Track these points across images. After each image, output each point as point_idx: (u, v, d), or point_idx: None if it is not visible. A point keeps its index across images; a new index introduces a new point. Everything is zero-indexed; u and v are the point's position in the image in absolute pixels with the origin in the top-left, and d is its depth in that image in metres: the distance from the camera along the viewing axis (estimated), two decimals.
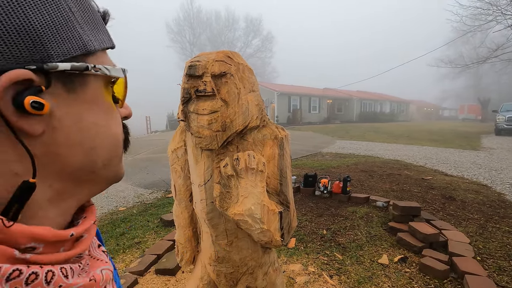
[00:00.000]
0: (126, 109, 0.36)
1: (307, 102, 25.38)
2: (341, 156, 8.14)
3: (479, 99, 29.87)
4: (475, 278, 2.07)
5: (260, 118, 1.00)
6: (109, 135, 0.32)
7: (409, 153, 8.72)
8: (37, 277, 0.24)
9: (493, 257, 2.51)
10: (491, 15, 14.41)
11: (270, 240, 0.96)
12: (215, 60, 0.90)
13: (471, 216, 3.42)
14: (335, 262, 2.52)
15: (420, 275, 2.28)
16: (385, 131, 16.70)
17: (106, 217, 3.86)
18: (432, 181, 5.03)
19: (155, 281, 2.31)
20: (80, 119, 0.28)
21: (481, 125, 22.83)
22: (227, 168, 0.91)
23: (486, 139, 12.73)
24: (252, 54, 37.99)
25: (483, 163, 6.89)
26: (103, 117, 0.31)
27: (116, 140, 0.33)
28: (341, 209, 3.71)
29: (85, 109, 0.29)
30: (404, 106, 36.99)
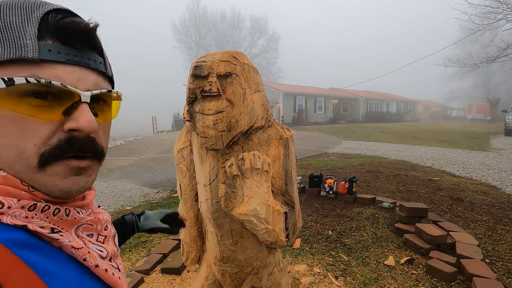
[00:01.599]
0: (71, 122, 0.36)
1: (312, 102, 25.28)
2: (347, 157, 8.09)
3: (489, 98, 29.35)
4: (484, 281, 2.04)
5: (265, 118, 1.00)
6: (5, 142, 0.34)
7: (416, 153, 8.62)
8: (59, 211, 0.38)
9: (502, 260, 2.47)
10: (501, 13, 14.16)
11: (275, 240, 0.96)
12: (220, 60, 0.91)
13: (480, 218, 3.36)
14: (340, 263, 2.51)
15: (427, 277, 2.25)
16: (391, 131, 16.53)
17: (113, 216, 3.90)
18: (439, 182, 4.96)
19: (160, 280, 2.33)
20: None
21: (490, 125, 22.44)
22: (232, 168, 0.92)
23: (496, 139, 12.51)
24: (258, 54, 37.97)
25: (492, 164, 6.77)
26: (2, 123, 0.34)
27: (14, 148, 0.34)
28: (346, 210, 3.68)
29: None
30: (411, 106, 36.55)
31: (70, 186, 0.38)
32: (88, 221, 0.42)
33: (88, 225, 0.42)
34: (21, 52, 0.33)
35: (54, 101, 0.35)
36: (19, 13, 0.34)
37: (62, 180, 0.37)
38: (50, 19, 0.36)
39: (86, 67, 0.39)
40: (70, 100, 0.36)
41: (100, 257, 0.41)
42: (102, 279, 0.40)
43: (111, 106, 0.44)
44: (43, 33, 0.35)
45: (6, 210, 0.33)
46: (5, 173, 0.35)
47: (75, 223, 0.40)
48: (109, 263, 0.43)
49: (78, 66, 0.38)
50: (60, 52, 0.36)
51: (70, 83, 0.36)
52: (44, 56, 0.34)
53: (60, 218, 0.38)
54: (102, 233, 0.45)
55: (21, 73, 0.33)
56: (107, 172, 6.82)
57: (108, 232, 0.46)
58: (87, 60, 0.39)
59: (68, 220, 0.39)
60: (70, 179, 0.37)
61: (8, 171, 0.35)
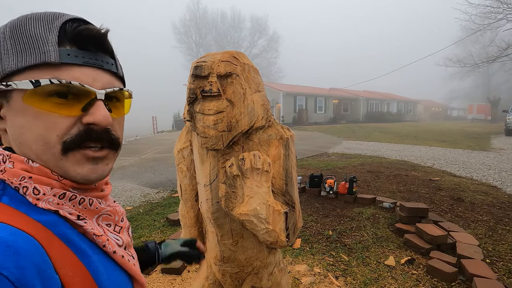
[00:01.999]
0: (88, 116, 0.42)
1: (313, 102, 25.26)
2: (347, 157, 8.09)
3: (489, 98, 29.30)
4: (484, 281, 2.03)
5: (265, 118, 1.00)
6: (33, 135, 0.40)
7: (417, 153, 8.61)
8: (84, 200, 0.44)
9: (503, 260, 2.46)
10: (501, 13, 14.15)
11: (275, 240, 0.96)
12: (221, 60, 0.91)
13: (480, 218, 3.36)
14: (341, 263, 2.50)
15: (428, 277, 2.25)
16: (392, 131, 16.52)
17: None
18: (440, 182, 4.96)
19: (161, 280, 2.33)
20: (12, 122, 0.41)
21: (491, 125, 22.42)
22: (233, 168, 0.92)
23: (496, 139, 12.50)
24: (258, 54, 37.95)
25: (492, 164, 6.77)
26: (28, 120, 0.39)
27: (40, 140, 0.40)
28: (347, 210, 3.68)
29: (14, 115, 0.40)
30: (412, 106, 36.52)
31: (89, 173, 0.43)
32: (108, 211, 0.48)
33: (107, 215, 0.48)
34: (45, 58, 0.39)
35: (73, 100, 0.41)
36: (41, 24, 0.40)
37: (81, 168, 0.42)
38: (68, 28, 0.41)
39: (100, 68, 0.44)
40: (87, 98, 0.42)
41: (117, 245, 0.47)
42: (119, 263, 0.46)
43: (124, 103, 0.50)
44: (62, 40, 0.40)
45: (42, 197, 0.39)
46: (38, 164, 0.41)
47: (96, 212, 0.46)
48: (124, 251, 0.48)
49: (93, 67, 0.43)
50: (77, 56, 0.41)
51: (87, 83, 0.41)
52: (64, 60, 0.40)
53: (84, 207, 0.44)
54: (119, 224, 0.50)
55: (45, 75, 0.39)
56: None
57: (124, 223, 0.52)
58: (100, 62, 0.44)
59: (91, 210, 0.45)
60: (88, 167, 0.43)
61: (38, 161, 0.41)
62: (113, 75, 0.47)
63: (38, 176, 0.40)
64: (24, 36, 0.39)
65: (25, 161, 0.41)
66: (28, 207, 0.38)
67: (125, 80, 0.52)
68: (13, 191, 0.39)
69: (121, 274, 0.46)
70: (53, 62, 0.39)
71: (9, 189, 0.39)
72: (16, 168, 0.40)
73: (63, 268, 0.36)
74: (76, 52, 0.41)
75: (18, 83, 0.38)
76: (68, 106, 0.41)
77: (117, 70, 0.48)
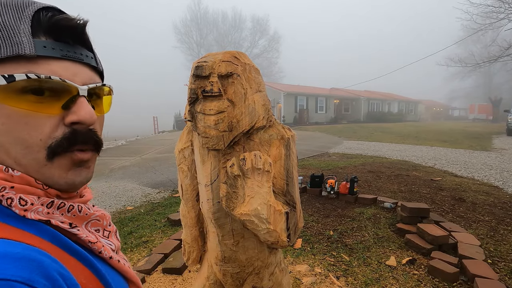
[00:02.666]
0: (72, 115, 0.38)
1: (313, 102, 25.25)
2: (348, 157, 8.08)
3: (490, 98, 29.24)
4: (486, 281, 2.03)
5: (266, 118, 1.00)
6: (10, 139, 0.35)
7: (418, 153, 8.59)
8: (73, 207, 0.40)
9: (504, 260, 2.46)
10: (503, 13, 14.12)
11: (276, 240, 0.96)
12: (222, 60, 0.91)
13: (482, 218, 3.35)
14: (342, 263, 2.50)
15: (429, 278, 2.24)
16: (393, 131, 16.50)
17: (114, 216, 3.91)
18: (441, 182, 4.95)
19: (162, 280, 2.33)
20: None
21: (492, 125, 22.37)
22: (234, 168, 0.92)
23: (498, 139, 12.46)
24: (259, 54, 37.97)
25: (494, 164, 6.75)
26: (4, 122, 0.34)
27: (20, 144, 0.35)
28: (348, 210, 3.68)
29: None
30: (413, 105, 36.45)
31: (74, 178, 0.40)
32: (97, 216, 0.45)
33: (96, 220, 0.45)
34: (18, 49, 0.34)
35: (51, 97, 0.37)
36: (10, 12, 0.34)
37: (66, 172, 0.39)
38: (42, 17, 0.36)
39: (80, 62, 0.40)
40: (67, 95, 0.38)
41: (111, 250, 0.45)
42: (116, 268, 0.44)
43: (103, 100, 0.46)
44: (36, 30, 0.36)
45: (30, 207, 0.35)
46: (19, 172, 0.36)
47: (86, 219, 0.43)
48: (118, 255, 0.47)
49: (72, 61, 0.39)
50: (54, 48, 0.37)
51: (67, 78, 0.37)
52: (40, 52, 0.35)
53: (73, 215, 0.40)
54: (107, 229, 0.48)
55: (18, 70, 0.34)
56: (108, 172, 6.84)
57: (112, 228, 0.49)
58: (79, 56, 0.40)
59: (80, 216, 0.42)
60: (73, 171, 0.40)
61: (16, 167, 0.36)
62: (93, 69, 0.43)
63: (20, 185, 0.36)
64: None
65: (4, 169, 0.36)
66: (16, 220, 0.34)
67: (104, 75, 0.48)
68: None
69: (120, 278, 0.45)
70: (27, 55, 0.34)
71: None
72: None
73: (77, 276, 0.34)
74: (53, 44, 0.37)
75: None
76: (47, 104, 0.36)
77: (97, 65, 0.44)
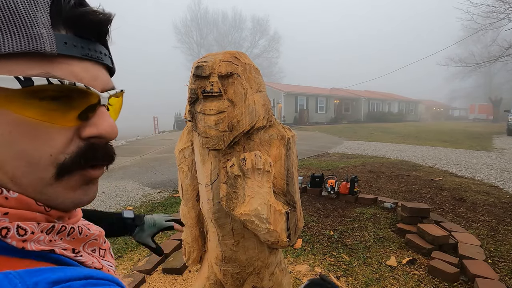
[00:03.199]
0: (91, 128, 0.32)
1: (314, 102, 25.25)
2: (349, 157, 8.08)
3: (491, 98, 29.21)
4: (486, 281, 2.03)
5: (266, 118, 1.00)
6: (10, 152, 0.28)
7: (418, 153, 8.59)
8: (74, 230, 0.35)
9: (505, 260, 2.45)
10: (503, 13, 14.10)
11: (276, 240, 0.96)
12: (222, 60, 0.91)
13: (482, 218, 3.35)
14: (342, 263, 2.50)
15: (429, 278, 2.24)
16: (393, 131, 16.49)
17: None
18: (441, 182, 4.95)
19: (162, 280, 2.33)
20: None
21: (493, 125, 22.35)
22: (234, 168, 0.92)
23: (498, 139, 12.46)
24: (259, 54, 37.98)
25: (494, 164, 6.74)
26: (7, 131, 0.27)
27: (23, 159, 0.28)
28: (348, 210, 3.68)
29: None
30: (413, 105, 36.44)
31: (82, 197, 0.34)
32: (96, 236, 0.39)
33: (93, 240, 0.39)
34: (37, 45, 0.27)
35: (68, 104, 0.30)
36: None
37: (74, 192, 0.33)
38: (63, 5, 0.29)
39: (99, 63, 0.34)
40: (85, 103, 0.31)
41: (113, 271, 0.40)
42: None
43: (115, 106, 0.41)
44: (56, 21, 0.29)
45: (30, 237, 0.29)
46: (16, 193, 0.29)
47: (84, 240, 0.37)
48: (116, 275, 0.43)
49: (91, 61, 0.33)
50: (76, 45, 0.30)
51: (88, 83, 0.31)
52: (61, 50, 0.29)
53: (72, 238, 0.35)
54: (102, 247, 0.42)
55: (33, 70, 0.27)
56: (108, 172, 6.84)
57: (106, 245, 0.44)
58: (99, 55, 0.33)
59: (79, 238, 0.36)
60: (81, 190, 0.33)
61: (12, 187, 0.29)
62: (108, 70, 0.36)
63: (17, 210, 0.29)
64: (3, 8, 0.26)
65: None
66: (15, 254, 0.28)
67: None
68: None
69: None
70: (47, 53, 0.27)
71: None
72: None
73: None
74: (74, 40, 0.30)
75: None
76: (62, 113, 0.30)
77: (112, 65, 0.37)
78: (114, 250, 2.83)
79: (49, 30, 0.28)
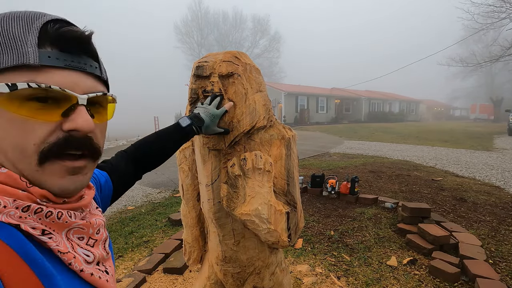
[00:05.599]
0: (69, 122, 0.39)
1: (314, 102, 25.23)
2: (349, 157, 8.07)
3: (492, 98, 29.12)
4: (487, 281, 2.02)
5: (267, 118, 1.00)
6: (9, 143, 0.37)
7: (419, 153, 8.58)
8: (52, 213, 0.40)
9: (506, 261, 2.45)
10: (504, 12, 14.06)
11: (277, 240, 0.96)
12: (222, 60, 0.91)
13: (483, 218, 3.34)
14: (342, 263, 2.50)
15: (430, 278, 2.24)
16: (394, 131, 16.47)
17: (115, 216, 3.91)
18: (442, 182, 4.94)
19: (163, 279, 2.34)
20: None
21: (494, 125, 22.30)
22: (234, 168, 0.92)
23: (499, 139, 12.43)
24: (260, 54, 37.95)
25: (495, 164, 6.73)
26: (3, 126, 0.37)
27: (17, 148, 0.37)
28: (348, 210, 3.67)
29: None
30: (414, 105, 36.37)
31: (68, 184, 0.41)
32: (80, 225, 0.44)
33: (79, 228, 0.44)
34: (23, 59, 0.36)
35: (53, 104, 0.38)
36: (20, 24, 0.37)
37: (59, 179, 0.40)
38: (49, 28, 0.38)
39: (83, 72, 0.42)
40: (68, 103, 0.39)
41: (86, 261, 0.43)
42: (89, 282, 0.43)
43: (107, 109, 0.47)
44: (43, 41, 0.38)
45: (1, 209, 0.36)
46: (6, 169, 0.38)
47: (66, 226, 0.42)
48: (96, 267, 0.45)
49: (75, 71, 0.40)
50: (58, 58, 0.39)
51: (68, 87, 0.39)
52: (44, 62, 0.37)
53: (52, 221, 0.40)
54: (94, 237, 0.46)
55: (22, 78, 0.36)
56: None
57: (100, 236, 0.48)
58: (83, 65, 0.41)
59: (60, 223, 0.41)
60: (67, 178, 0.40)
61: (12, 169, 0.38)
62: (96, 79, 0.44)
63: (2, 185, 0.37)
64: (1, 37, 0.37)
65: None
66: None
67: (109, 84, 0.50)
68: None
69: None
70: (32, 64, 0.36)
71: None
72: None
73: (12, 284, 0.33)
74: (57, 54, 0.39)
75: None
76: (47, 111, 0.38)
77: (101, 74, 0.45)
78: (114, 250, 2.84)
79: (34, 48, 0.37)
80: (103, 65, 0.47)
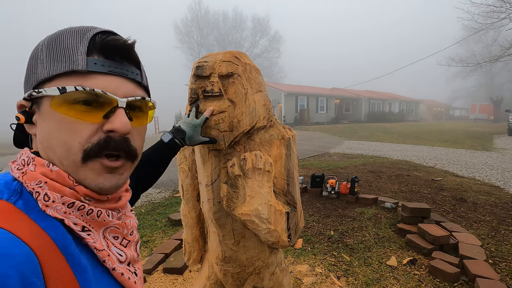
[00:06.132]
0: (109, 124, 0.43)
1: (314, 102, 25.21)
2: (349, 157, 8.07)
3: (492, 98, 29.12)
4: (487, 281, 2.02)
5: (267, 118, 1.00)
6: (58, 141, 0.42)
7: (419, 153, 8.58)
8: (92, 211, 0.43)
9: (506, 261, 2.45)
10: (504, 13, 14.08)
11: (277, 240, 0.96)
12: (222, 60, 0.91)
13: (483, 218, 3.34)
14: (342, 263, 2.50)
15: (430, 278, 2.24)
16: (394, 131, 16.48)
17: None
18: (442, 182, 4.94)
19: (163, 279, 2.34)
20: (42, 126, 0.43)
21: (494, 125, 22.29)
22: (234, 168, 0.92)
23: (499, 139, 12.44)
24: (259, 54, 37.95)
25: (495, 164, 6.73)
26: (54, 126, 0.42)
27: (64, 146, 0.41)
28: (348, 210, 3.67)
29: (42, 120, 0.43)
30: (414, 105, 36.33)
31: (104, 182, 0.44)
32: (116, 224, 0.47)
33: (115, 228, 0.48)
34: (73, 66, 0.41)
35: (97, 107, 0.43)
36: (74, 36, 0.43)
37: (97, 176, 0.43)
38: (97, 39, 0.44)
39: (124, 77, 0.46)
40: (109, 106, 0.43)
41: (119, 261, 0.46)
42: (119, 281, 0.46)
43: (147, 114, 0.51)
44: (91, 50, 0.43)
45: (50, 204, 0.40)
46: (57, 168, 0.42)
47: (104, 225, 0.46)
48: (127, 267, 0.48)
49: (117, 76, 0.45)
50: (103, 65, 0.43)
51: (110, 91, 0.43)
52: (90, 68, 0.42)
53: (92, 218, 0.44)
54: (127, 238, 0.50)
55: (71, 83, 0.41)
56: None
57: (133, 237, 0.51)
58: (125, 72, 0.46)
59: (98, 221, 0.45)
60: (103, 176, 0.44)
61: (60, 166, 0.42)
62: (137, 84, 0.48)
63: (53, 182, 0.41)
64: (57, 47, 0.42)
65: (46, 164, 0.42)
66: (38, 214, 0.39)
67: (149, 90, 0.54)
68: (29, 195, 0.40)
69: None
70: (80, 70, 0.41)
71: (25, 193, 0.40)
72: (36, 172, 0.42)
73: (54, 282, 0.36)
74: (103, 61, 0.43)
75: (47, 90, 0.41)
76: (91, 113, 0.42)
77: (141, 80, 0.49)
78: None
79: (83, 56, 0.42)
80: (145, 72, 0.52)
